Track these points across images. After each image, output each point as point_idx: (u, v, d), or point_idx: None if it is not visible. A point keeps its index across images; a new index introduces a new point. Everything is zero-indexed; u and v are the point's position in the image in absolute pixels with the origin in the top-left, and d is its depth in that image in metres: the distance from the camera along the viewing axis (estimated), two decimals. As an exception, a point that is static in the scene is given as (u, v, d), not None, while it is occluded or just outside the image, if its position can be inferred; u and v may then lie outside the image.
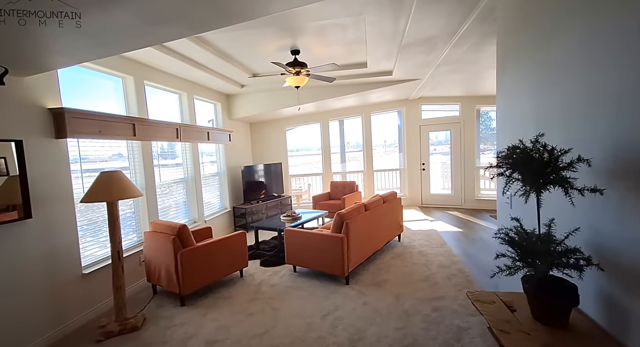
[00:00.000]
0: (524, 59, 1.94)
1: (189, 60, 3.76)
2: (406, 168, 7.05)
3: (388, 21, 2.85)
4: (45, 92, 2.54)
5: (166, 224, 3.12)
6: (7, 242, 2.23)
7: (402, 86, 5.30)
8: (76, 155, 2.91)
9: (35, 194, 2.41)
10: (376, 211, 3.84)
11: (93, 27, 1.74)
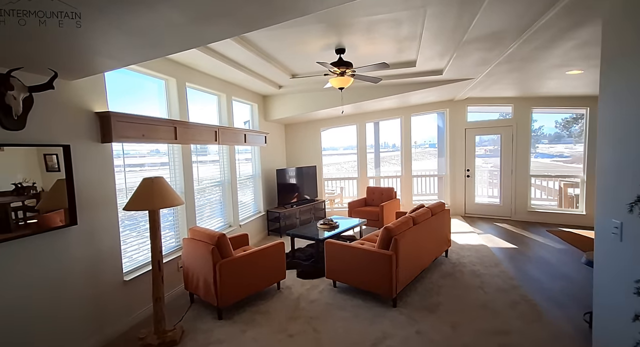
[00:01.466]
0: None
1: (230, 61, 3.63)
2: (448, 174, 6.57)
3: (452, 14, 2.51)
4: (93, 96, 2.49)
5: (205, 232, 3.01)
6: (53, 249, 2.18)
7: (450, 86, 4.87)
8: (119, 150, 2.86)
9: (81, 199, 2.36)
10: (425, 225, 3.50)
11: (140, 28, 1.61)
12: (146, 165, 3.37)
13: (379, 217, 5.32)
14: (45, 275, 2.13)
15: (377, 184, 7.77)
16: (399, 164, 17.49)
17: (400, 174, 6.88)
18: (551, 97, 5.68)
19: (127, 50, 1.89)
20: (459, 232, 5.28)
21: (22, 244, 2.00)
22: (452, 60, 3.63)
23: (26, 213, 2.03)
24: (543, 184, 7.33)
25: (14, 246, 1.96)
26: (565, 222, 5.69)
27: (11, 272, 1.95)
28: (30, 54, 1.79)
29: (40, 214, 2.10)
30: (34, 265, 2.07)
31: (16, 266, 1.98)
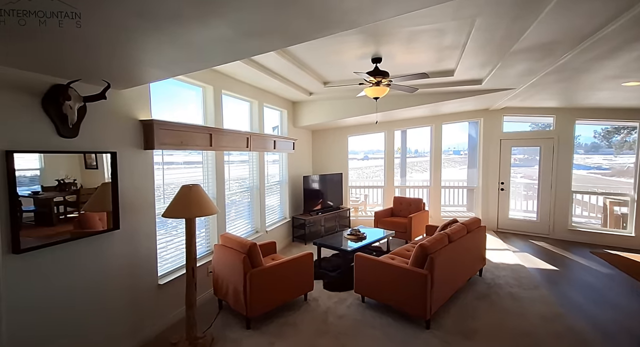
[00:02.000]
0: None
1: (265, 69, 3.66)
2: (480, 186, 6.28)
3: (503, 24, 2.38)
4: (138, 104, 2.57)
5: (236, 239, 3.02)
6: (96, 252, 2.26)
7: (488, 96, 4.66)
8: (158, 156, 2.93)
9: (124, 204, 2.43)
10: (461, 243, 3.33)
11: (192, 42, 1.62)
12: (182, 169, 3.44)
13: (406, 229, 5.17)
14: (88, 277, 2.20)
15: (402, 194, 7.59)
16: (422, 171, 17.12)
17: (429, 184, 6.66)
18: (599, 108, 5.30)
19: (176, 63, 1.93)
20: (492, 249, 5.02)
21: (68, 247, 2.08)
22: (494, 71, 3.45)
23: (67, 208, 2.10)
24: (584, 200, 6.86)
25: (58, 251, 2.04)
26: (611, 243, 5.26)
27: (57, 274, 2.03)
28: (86, 67, 1.86)
29: (80, 212, 2.17)
30: (78, 267, 2.14)
31: (61, 268, 2.05)
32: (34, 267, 1.89)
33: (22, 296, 1.83)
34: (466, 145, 7.35)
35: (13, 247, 1.78)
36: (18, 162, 1.79)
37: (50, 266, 1.98)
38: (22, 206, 1.84)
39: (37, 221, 1.93)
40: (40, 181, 1.95)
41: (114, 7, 1.21)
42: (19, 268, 1.82)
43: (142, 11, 1.27)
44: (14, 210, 1.78)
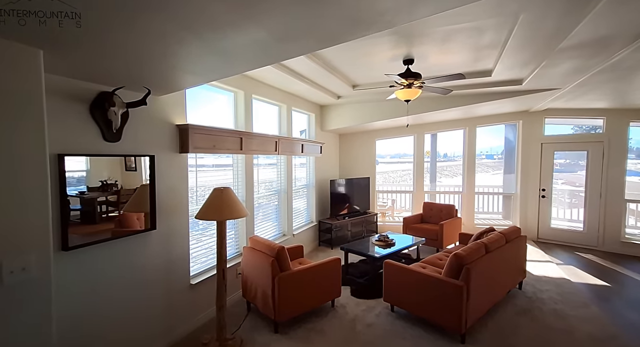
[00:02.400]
0: None
1: (294, 73, 3.69)
2: (518, 193, 5.90)
3: (551, 20, 2.22)
4: (175, 110, 2.67)
5: (265, 242, 3.04)
6: (134, 252, 2.36)
7: (529, 97, 4.38)
8: (191, 159, 3.03)
9: (160, 205, 2.53)
10: (499, 253, 3.12)
11: (228, 48, 1.65)
12: (213, 172, 3.53)
13: (438, 237, 4.96)
14: (127, 275, 2.30)
15: (432, 199, 7.32)
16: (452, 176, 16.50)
17: (461, 190, 6.37)
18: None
19: (212, 69, 1.98)
20: (533, 260, 4.67)
21: (109, 246, 2.18)
22: (538, 70, 3.23)
23: (108, 207, 2.21)
24: (639, 210, 6.21)
25: (101, 249, 2.14)
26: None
27: (100, 272, 2.13)
28: (129, 74, 1.95)
29: (120, 212, 2.28)
30: (118, 265, 2.25)
31: (104, 266, 2.16)
32: (80, 264, 2.00)
33: (69, 293, 1.94)
34: (500, 149, 6.97)
35: (62, 245, 1.89)
36: (67, 163, 1.92)
37: (93, 263, 2.09)
38: (70, 205, 1.96)
39: (82, 219, 2.04)
40: (86, 182, 2.08)
41: (156, 18, 1.26)
42: (67, 266, 1.93)
43: (183, 21, 1.31)
44: (64, 210, 1.90)
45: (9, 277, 1.35)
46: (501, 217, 7.15)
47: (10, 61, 1.32)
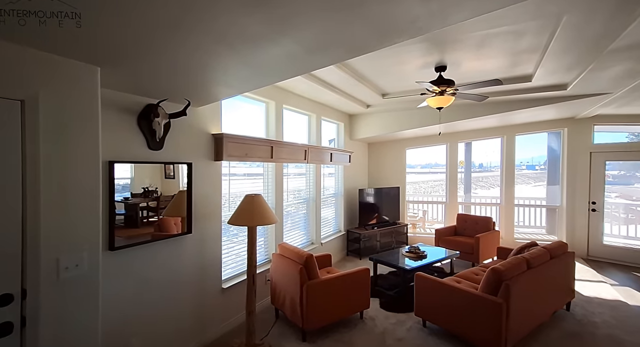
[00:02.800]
0: None
1: (323, 83, 3.75)
2: (564, 205, 5.45)
3: (598, 20, 2.08)
4: (211, 120, 2.82)
5: (293, 250, 3.06)
6: (171, 254, 2.48)
7: (574, 103, 4.09)
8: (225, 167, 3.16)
9: (196, 210, 2.66)
10: (542, 270, 2.89)
11: (262, 61, 1.73)
12: (245, 180, 3.65)
13: (473, 251, 4.70)
14: (165, 276, 2.42)
15: (466, 211, 6.98)
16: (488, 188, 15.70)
17: (499, 202, 6.01)
18: None
19: (246, 81, 2.07)
20: (583, 279, 4.27)
21: (149, 248, 2.32)
22: (584, 74, 3.02)
23: (149, 213, 2.36)
24: None
25: (142, 250, 2.28)
26: None
27: (141, 271, 2.27)
28: (173, 88, 2.10)
29: (159, 217, 2.42)
30: (157, 266, 2.37)
31: (144, 265, 2.29)
32: (123, 263, 2.15)
33: (112, 289, 2.08)
34: (543, 159, 6.52)
35: (109, 245, 2.04)
36: (117, 171, 2.08)
37: (135, 263, 2.22)
38: (116, 210, 2.12)
39: (125, 223, 2.20)
40: (130, 189, 2.24)
41: (198, 35, 1.35)
42: (113, 264, 2.08)
43: (221, 37, 1.40)
44: (112, 213, 2.05)
45: (64, 272, 1.48)
46: (545, 232, 6.63)
47: (72, 77, 1.48)
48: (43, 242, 1.40)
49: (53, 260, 1.43)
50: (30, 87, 1.36)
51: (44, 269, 1.41)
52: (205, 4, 1.13)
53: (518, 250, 3.76)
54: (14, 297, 1.35)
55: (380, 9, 1.27)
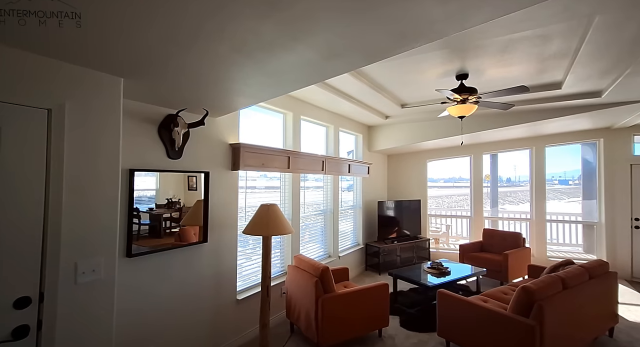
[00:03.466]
0: None
1: (341, 93, 3.75)
2: (603, 222, 5.04)
3: (636, 19, 1.94)
4: (229, 130, 2.87)
5: (309, 262, 2.98)
6: (187, 263, 2.48)
7: (610, 111, 3.82)
8: (242, 177, 3.17)
9: (213, 219, 2.67)
10: (580, 291, 2.64)
11: (278, 69, 1.74)
12: (262, 193, 3.66)
13: (501, 268, 4.40)
14: (180, 284, 2.42)
15: (492, 226, 6.62)
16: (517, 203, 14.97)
17: (529, 217, 5.66)
18: None
19: (262, 90, 2.09)
20: (627, 303, 3.86)
21: (166, 255, 2.33)
22: (621, 79, 2.82)
23: (172, 223, 2.39)
24: None
25: (159, 257, 2.30)
26: None
27: (157, 277, 2.27)
28: (192, 98, 2.16)
29: (180, 226, 2.44)
30: (173, 273, 2.38)
31: (161, 272, 2.30)
32: (140, 269, 2.16)
33: (131, 294, 2.09)
34: (577, 174, 6.09)
35: (127, 252, 2.07)
36: (142, 183, 2.14)
37: (153, 269, 2.24)
38: (141, 219, 2.16)
39: (150, 233, 2.24)
40: (155, 200, 2.29)
41: (214, 44, 1.38)
42: (130, 270, 2.10)
43: (237, 45, 1.41)
44: (130, 221, 2.09)
45: (81, 277, 1.50)
46: (582, 250, 6.13)
47: (96, 88, 1.54)
48: (63, 246, 1.43)
49: (71, 264, 1.46)
50: (58, 97, 1.42)
51: (63, 273, 1.43)
52: (221, 10, 1.15)
53: (552, 268, 3.49)
54: (31, 300, 1.37)
55: (395, 11, 1.24)
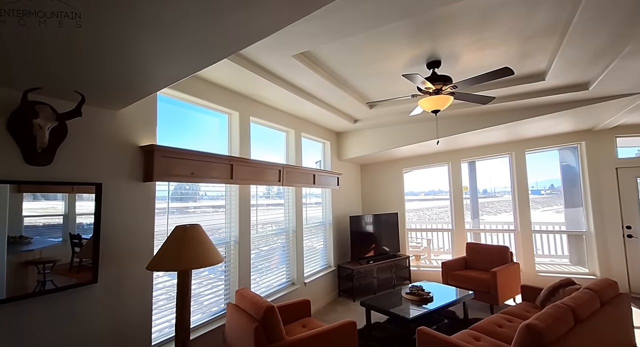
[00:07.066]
0: None
1: (298, 90, 3.17)
2: (592, 231, 4.63)
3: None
4: (141, 127, 2.18)
5: (252, 298, 2.27)
6: (66, 316, 1.72)
7: (593, 109, 3.46)
8: (164, 190, 2.48)
9: (107, 250, 1.93)
10: (595, 322, 2.07)
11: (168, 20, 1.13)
12: (194, 208, 2.95)
13: (490, 289, 3.82)
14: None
15: (475, 239, 6.13)
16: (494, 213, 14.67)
17: (514, 228, 5.20)
18: None
19: (167, 60, 1.45)
20: (636, 326, 3.35)
21: (25, 308, 1.57)
22: (614, 63, 2.41)
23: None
24: None
25: (11, 313, 1.53)
26: None
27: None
28: (58, 73, 1.48)
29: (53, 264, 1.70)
30: (40, 338, 1.60)
31: (15, 339, 1.52)
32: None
33: None
34: (547, 184, 5.76)
35: None
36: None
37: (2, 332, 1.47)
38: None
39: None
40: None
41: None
42: None
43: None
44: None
45: None
46: (570, 262, 5.72)
47: None
48: None
49: None
50: None
51: None
52: None
53: (550, 290, 2.96)
54: None
55: None
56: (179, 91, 2.55)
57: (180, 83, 2.51)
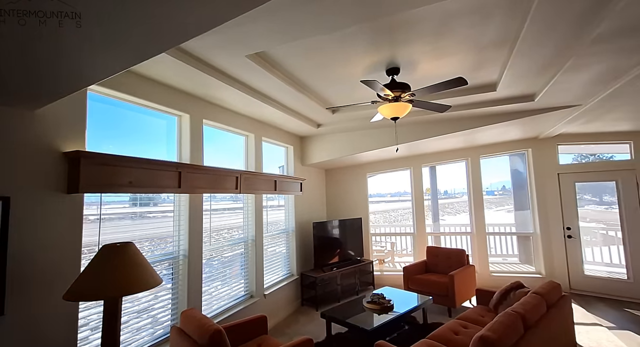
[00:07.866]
0: None
1: (254, 92, 2.99)
2: (539, 232, 4.96)
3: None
4: (66, 131, 1.88)
5: (199, 321, 2.06)
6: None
7: (541, 118, 3.69)
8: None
9: (18, 275, 1.62)
10: (543, 327, 2.14)
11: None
12: (135, 219, 2.65)
13: (448, 292, 3.91)
14: None
15: (436, 243, 6.33)
16: (454, 214, 15.37)
17: (470, 230, 5.42)
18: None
19: (88, 55, 1.23)
20: (577, 323, 3.58)
21: None
22: (558, 76, 2.54)
23: None
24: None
25: None
26: None
27: None
28: None
29: None
30: None
31: None
32: None
33: None
34: (500, 186, 6.14)
35: None
36: None
37: None
38: None
39: None
40: None
41: None
42: None
43: None
44: None
45: None
46: (518, 261, 6.10)
47: None
48: None
49: None
50: None
51: None
52: None
53: (502, 294, 3.06)
54: None
55: None
56: (118, 91, 2.26)
57: (121, 81, 2.25)
